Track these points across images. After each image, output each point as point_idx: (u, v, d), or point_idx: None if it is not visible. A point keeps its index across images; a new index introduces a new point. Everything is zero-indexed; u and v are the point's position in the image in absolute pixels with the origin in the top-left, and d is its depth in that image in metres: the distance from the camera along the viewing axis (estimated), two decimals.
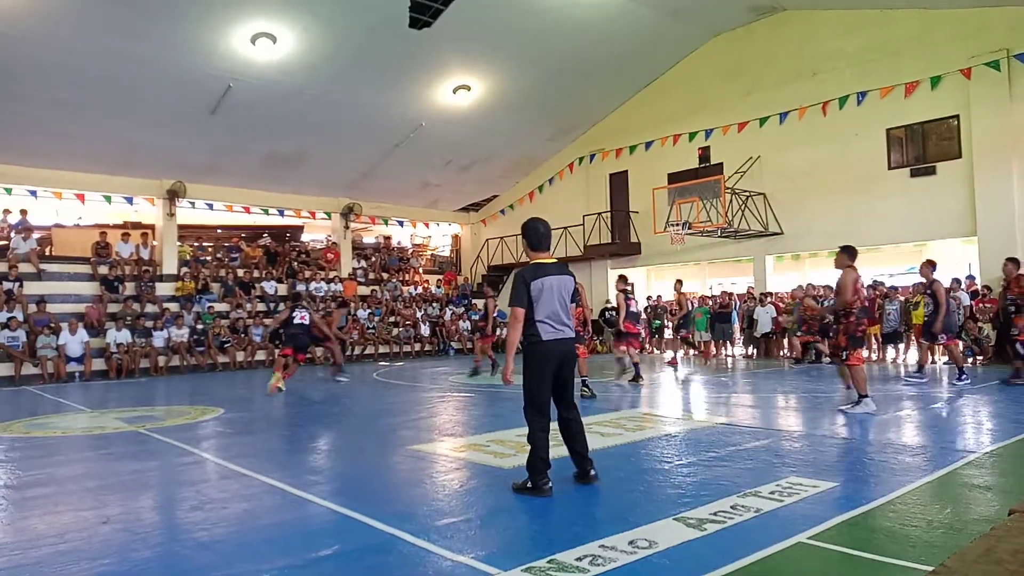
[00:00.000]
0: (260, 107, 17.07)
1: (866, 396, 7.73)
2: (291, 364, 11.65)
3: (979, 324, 13.83)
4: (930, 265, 10.58)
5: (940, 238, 15.94)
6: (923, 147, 15.83)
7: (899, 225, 15.91)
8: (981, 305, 14.00)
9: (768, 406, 8.98)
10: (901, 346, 15.13)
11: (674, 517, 4.05)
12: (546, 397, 4.84)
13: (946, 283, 14.55)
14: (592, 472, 4.91)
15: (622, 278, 12.03)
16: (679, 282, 16.52)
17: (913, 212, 15.62)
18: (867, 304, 8.78)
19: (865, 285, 8.85)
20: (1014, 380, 10.05)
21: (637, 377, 11.58)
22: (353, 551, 3.73)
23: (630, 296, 11.84)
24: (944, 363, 14.00)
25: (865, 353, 15.59)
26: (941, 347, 11.16)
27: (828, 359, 11.94)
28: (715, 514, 4.07)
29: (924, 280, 10.73)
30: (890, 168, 16.16)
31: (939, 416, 7.83)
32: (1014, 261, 10.92)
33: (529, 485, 4.70)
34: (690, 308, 16.86)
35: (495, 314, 14.02)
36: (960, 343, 11.94)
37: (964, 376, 10.32)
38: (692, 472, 5.22)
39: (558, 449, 6.07)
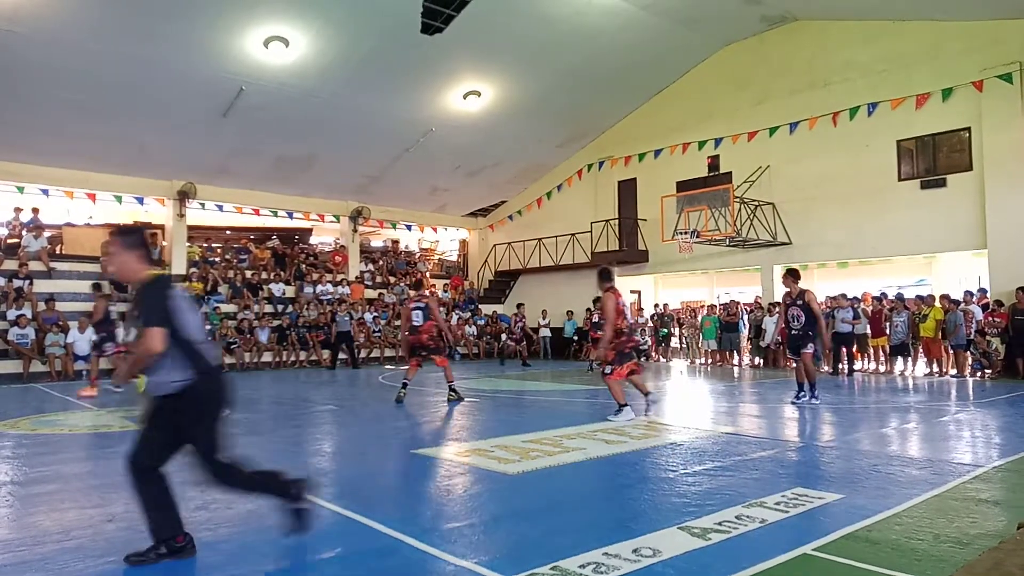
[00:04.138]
0: (271, 110, 17.17)
1: (626, 405, 8.13)
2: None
3: (988, 338, 13.74)
4: (792, 275, 9.72)
5: (950, 250, 15.87)
6: (934, 159, 15.77)
7: (908, 237, 15.85)
8: (991, 319, 13.92)
9: (774, 416, 8.94)
10: (909, 358, 15.03)
11: (678, 526, 4.03)
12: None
13: (958, 296, 14.61)
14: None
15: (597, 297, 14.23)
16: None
17: (923, 224, 15.55)
18: (631, 322, 8.60)
19: (627, 304, 8.55)
20: None
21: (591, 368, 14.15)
22: (356, 554, 3.73)
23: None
24: (953, 375, 13.92)
25: (870, 365, 15.60)
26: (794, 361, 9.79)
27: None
28: (720, 524, 4.05)
29: (788, 292, 9.76)
30: (900, 180, 16.10)
31: (946, 430, 7.77)
32: None
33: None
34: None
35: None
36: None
37: (805, 394, 9.56)
38: (697, 481, 5.20)
39: (564, 457, 6.06)
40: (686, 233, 17.39)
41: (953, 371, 14.20)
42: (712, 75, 19.46)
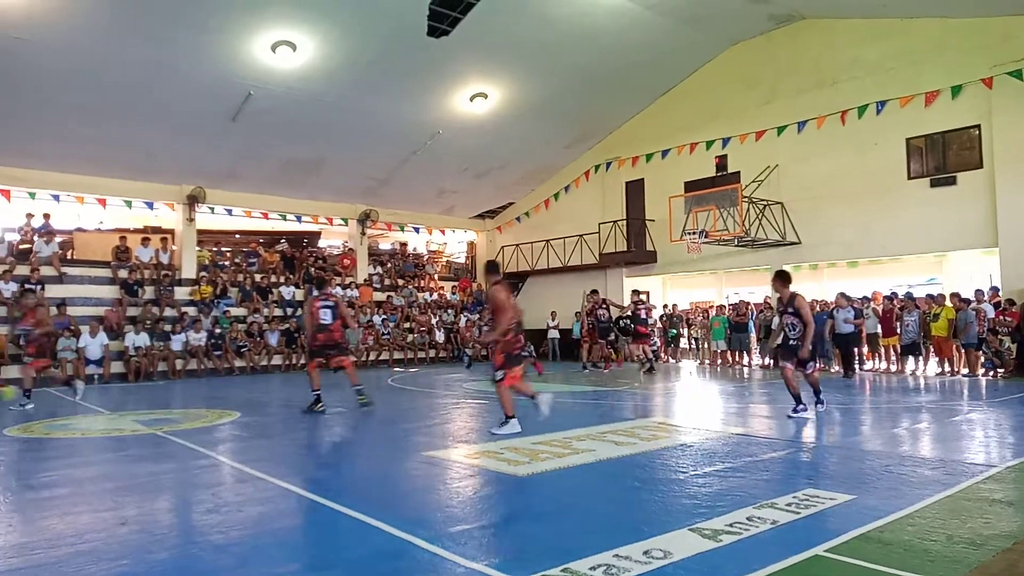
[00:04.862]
0: (279, 114, 17.25)
1: (513, 417, 7.40)
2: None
3: (1000, 337, 13.64)
4: (782, 279, 8.74)
5: (960, 249, 15.77)
6: (943, 157, 15.67)
7: (918, 235, 15.75)
8: (1002, 317, 13.81)
9: (784, 417, 8.89)
10: (920, 357, 14.93)
11: (689, 527, 4.02)
12: None
13: (968, 295, 14.48)
14: None
15: (635, 291, 15.88)
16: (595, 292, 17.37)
17: (933, 222, 15.45)
18: (517, 321, 7.37)
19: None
20: None
21: (651, 369, 14.82)
22: (367, 556, 3.73)
23: (640, 306, 15.58)
24: (965, 374, 13.82)
25: (881, 364, 15.50)
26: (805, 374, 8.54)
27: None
28: (731, 525, 4.04)
29: (779, 296, 8.79)
30: (910, 178, 16.01)
31: (958, 430, 7.72)
32: None
33: None
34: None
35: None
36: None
37: (804, 406, 8.43)
38: (707, 482, 5.18)
39: (574, 458, 6.06)
40: (694, 233, 17.35)
41: (965, 370, 14.10)
42: (719, 75, 19.41)
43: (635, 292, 16.48)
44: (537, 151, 22.27)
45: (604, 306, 16.33)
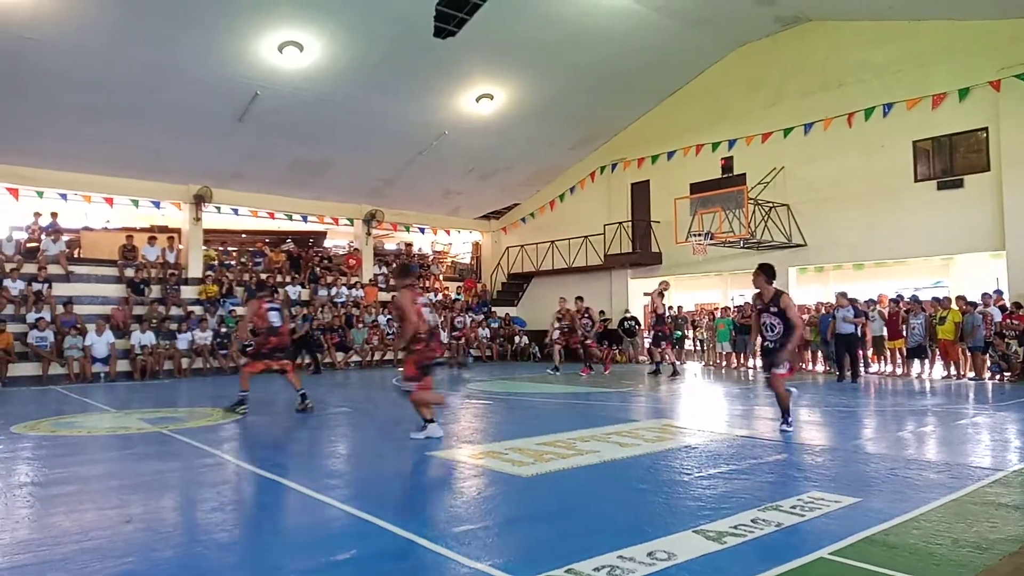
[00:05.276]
0: (286, 114, 17.29)
1: (432, 422, 7.16)
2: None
3: (1007, 340, 13.58)
4: (765, 273, 7.57)
5: (967, 252, 15.72)
6: (950, 159, 15.62)
7: (925, 238, 15.71)
8: (1009, 321, 13.75)
9: (789, 419, 8.87)
10: (926, 360, 14.87)
11: (693, 529, 4.01)
12: None
13: (975, 298, 14.39)
14: None
15: (660, 292, 15.59)
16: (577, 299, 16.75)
17: (939, 225, 15.40)
18: (433, 328, 6.95)
19: (424, 304, 7.01)
20: None
21: (675, 373, 14.82)
22: (371, 556, 3.74)
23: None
24: (971, 378, 13.76)
25: (887, 367, 15.44)
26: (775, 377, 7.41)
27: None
28: (735, 527, 4.03)
29: (761, 293, 7.61)
30: (916, 180, 15.96)
31: (964, 433, 7.69)
32: None
33: None
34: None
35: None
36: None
37: (788, 421, 7.53)
38: (712, 484, 5.18)
39: (578, 459, 6.06)
40: (700, 235, 17.33)
41: (971, 374, 14.04)
42: (725, 76, 19.39)
43: (663, 283, 16.22)
44: (543, 152, 22.27)
45: (587, 315, 16.23)
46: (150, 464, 6.18)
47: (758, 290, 7.64)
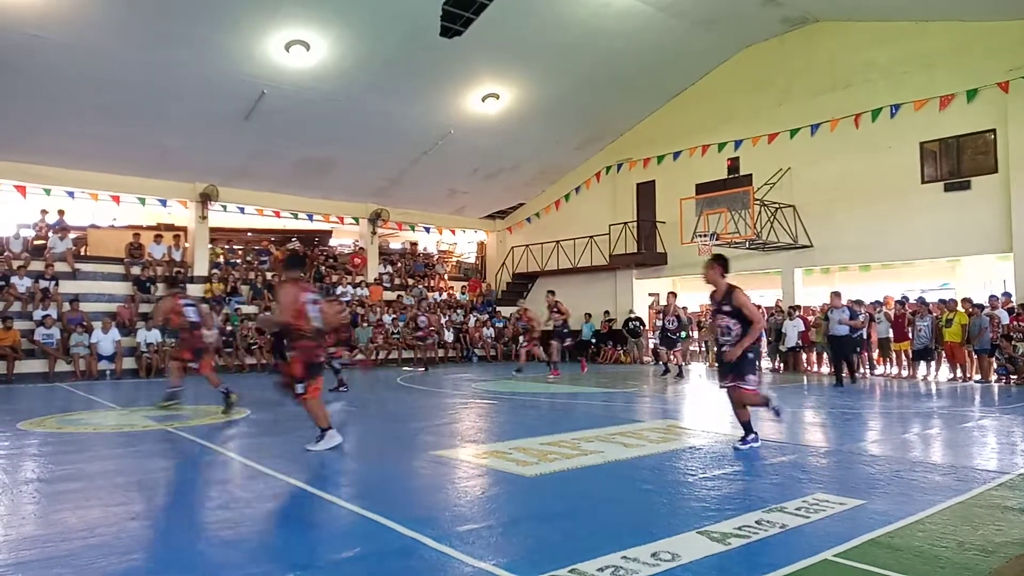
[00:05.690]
0: (292, 113, 17.33)
1: (329, 429, 6.54)
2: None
3: (1014, 343, 13.52)
4: (719, 264, 6.66)
5: (974, 254, 15.66)
6: (958, 161, 15.56)
7: (931, 240, 15.64)
8: (1016, 323, 13.69)
9: (794, 420, 8.86)
10: (932, 363, 14.81)
11: (698, 530, 4.01)
12: None
13: (981, 300, 14.32)
14: None
15: (672, 294, 15.92)
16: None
17: (946, 227, 15.34)
18: (338, 327, 6.56)
19: (312, 300, 6.45)
20: None
21: (680, 375, 14.93)
22: (375, 554, 3.75)
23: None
24: (977, 380, 13.70)
25: (893, 369, 15.39)
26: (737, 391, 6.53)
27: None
28: (739, 528, 4.03)
29: (712, 293, 6.74)
30: (923, 182, 15.90)
31: (970, 436, 7.66)
32: None
33: None
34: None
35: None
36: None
37: (755, 434, 6.63)
38: (716, 485, 5.17)
39: (582, 459, 6.05)
40: (705, 236, 17.30)
41: (977, 376, 13.99)
42: (732, 77, 19.34)
43: (672, 293, 16.10)
44: (548, 152, 22.27)
45: (557, 308, 15.81)
46: (155, 461, 6.20)
47: (711, 284, 6.67)
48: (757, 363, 6.58)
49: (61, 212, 18.55)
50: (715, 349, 6.54)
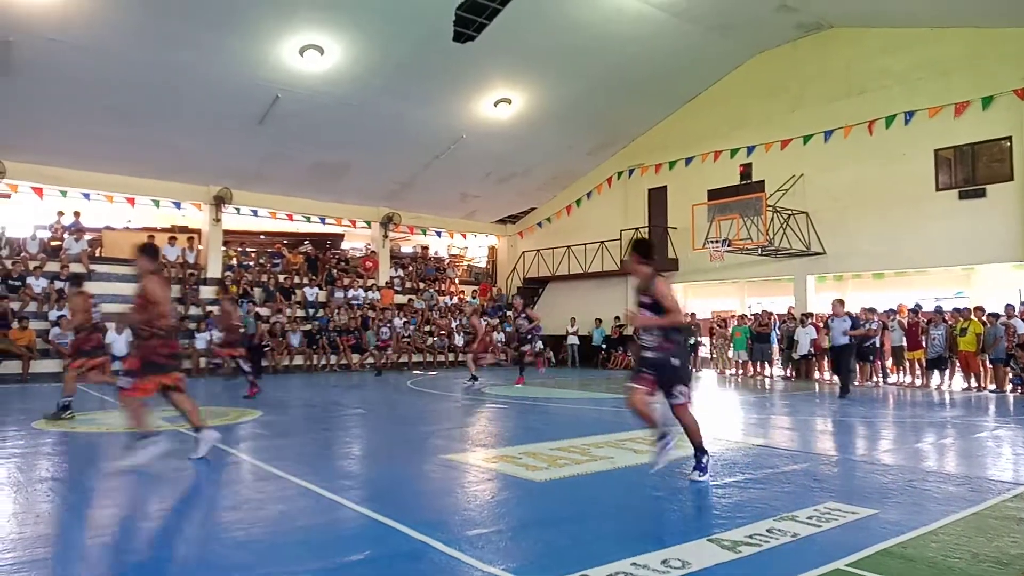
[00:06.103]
0: (306, 117, 17.43)
1: (150, 434, 5.93)
2: None
3: None
4: (639, 251, 5.55)
5: (989, 262, 15.51)
6: (973, 168, 15.44)
7: (946, 248, 15.52)
8: None
9: (806, 428, 8.80)
10: (946, 372, 14.68)
11: (708, 538, 3.99)
12: None
13: (996, 309, 14.17)
14: None
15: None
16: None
17: (961, 235, 15.22)
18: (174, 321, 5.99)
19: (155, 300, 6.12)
20: None
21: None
22: (384, 557, 3.76)
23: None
24: (991, 390, 13.57)
25: (906, 378, 15.26)
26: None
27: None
28: (750, 537, 4.00)
29: (638, 285, 5.56)
30: (938, 189, 15.79)
31: (985, 446, 7.58)
32: None
33: None
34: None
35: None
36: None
37: (703, 464, 5.58)
38: (727, 493, 5.14)
39: (592, 465, 6.04)
40: (717, 242, 17.24)
41: (992, 386, 13.85)
42: (745, 83, 19.30)
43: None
44: (560, 157, 22.28)
45: (524, 315, 15.45)
46: (167, 462, 6.23)
47: (633, 275, 5.64)
48: (687, 374, 5.71)
49: (77, 214, 18.74)
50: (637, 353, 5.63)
